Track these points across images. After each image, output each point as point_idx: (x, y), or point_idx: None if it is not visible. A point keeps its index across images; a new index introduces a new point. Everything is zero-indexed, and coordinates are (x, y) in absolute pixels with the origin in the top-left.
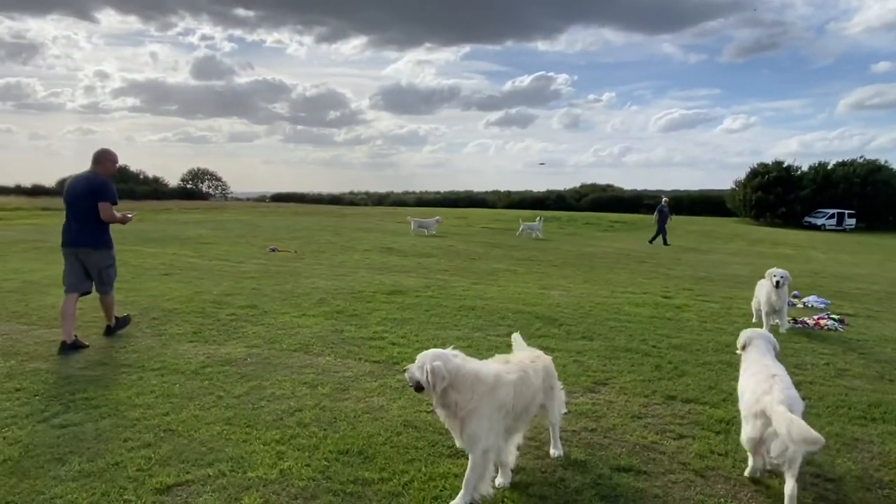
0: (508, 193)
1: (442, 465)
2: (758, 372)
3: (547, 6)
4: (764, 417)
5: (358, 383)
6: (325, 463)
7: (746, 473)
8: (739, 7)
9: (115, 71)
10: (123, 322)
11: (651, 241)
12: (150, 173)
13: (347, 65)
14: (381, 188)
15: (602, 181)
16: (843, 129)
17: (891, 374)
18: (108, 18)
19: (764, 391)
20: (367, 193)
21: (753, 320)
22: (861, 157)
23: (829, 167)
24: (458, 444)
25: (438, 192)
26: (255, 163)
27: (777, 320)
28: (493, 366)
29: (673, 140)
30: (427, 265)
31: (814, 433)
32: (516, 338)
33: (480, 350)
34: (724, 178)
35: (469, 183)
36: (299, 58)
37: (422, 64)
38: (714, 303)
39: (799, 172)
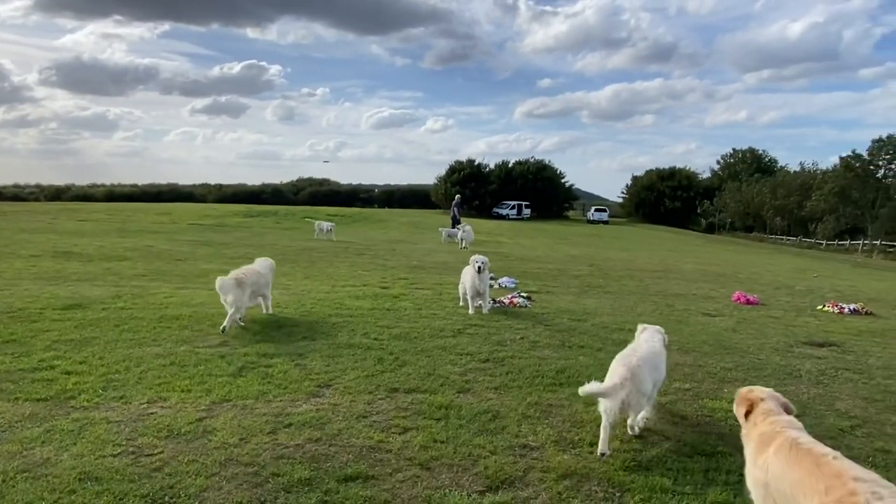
0: (220, 187)
1: None
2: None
3: None
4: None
5: (12, 433)
6: None
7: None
8: (437, 18)
9: None
10: None
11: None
12: None
13: (5, 30)
14: (59, 180)
15: (319, 175)
16: (519, 133)
17: (570, 342)
18: None
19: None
20: (38, 186)
21: (461, 304)
22: (532, 158)
23: (509, 165)
24: None
25: (135, 185)
26: None
27: (480, 302)
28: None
29: (384, 137)
30: (118, 271)
31: None
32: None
33: (187, 367)
34: (428, 174)
35: (173, 175)
36: None
37: (109, 38)
38: (427, 290)
39: (487, 170)
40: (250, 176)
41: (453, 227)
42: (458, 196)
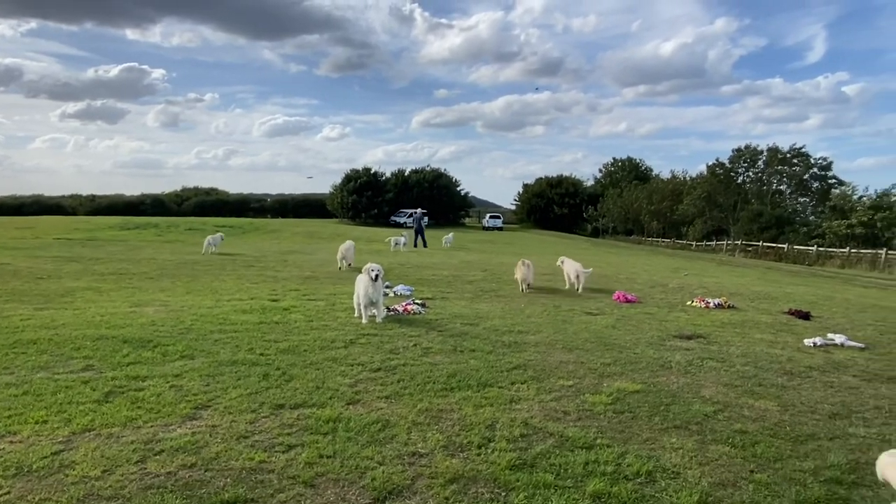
0: (93, 198)
1: None
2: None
3: None
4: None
5: None
6: None
7: None
8: (333, 26)
9: None
10: None
11: (425, 245)
12: None
13: None
14: None
15: (206, 184)
16: (417, 142)
17: (462, 346)
18: None
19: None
20: None
21: (355, 315)
22: (428, 166)
23: (406, 174)
24: None
25: None
26: None
27: (374, 311)
28: None
29: (278, 145)
30: None
31: None
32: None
33: (44, 395)
34: (324, 183)
35: (38, 185)
36: None
37: None
38: (320, 300)
39: (384, 178)
40: (128, 186)
41: (418, 238)
42: (419, 210)
